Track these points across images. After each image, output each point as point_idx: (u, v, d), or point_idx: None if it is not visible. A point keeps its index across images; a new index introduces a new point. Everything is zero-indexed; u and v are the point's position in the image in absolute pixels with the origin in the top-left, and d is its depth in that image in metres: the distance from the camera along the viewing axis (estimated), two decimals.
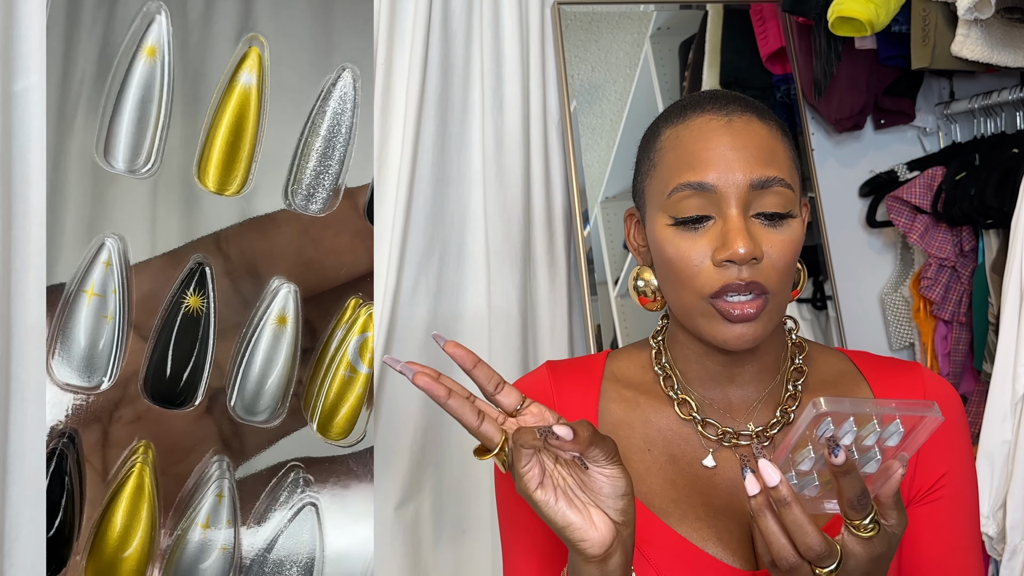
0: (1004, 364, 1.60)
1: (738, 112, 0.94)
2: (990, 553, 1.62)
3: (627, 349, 1.07)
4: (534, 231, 1.92)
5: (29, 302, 1.53)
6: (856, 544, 0.80)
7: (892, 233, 2.21)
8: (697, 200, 0.92)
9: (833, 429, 0.78)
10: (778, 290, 0.93)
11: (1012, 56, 1.70)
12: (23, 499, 1.54)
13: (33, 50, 1.54)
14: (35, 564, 1.56)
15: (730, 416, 0.99)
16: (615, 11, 2.00)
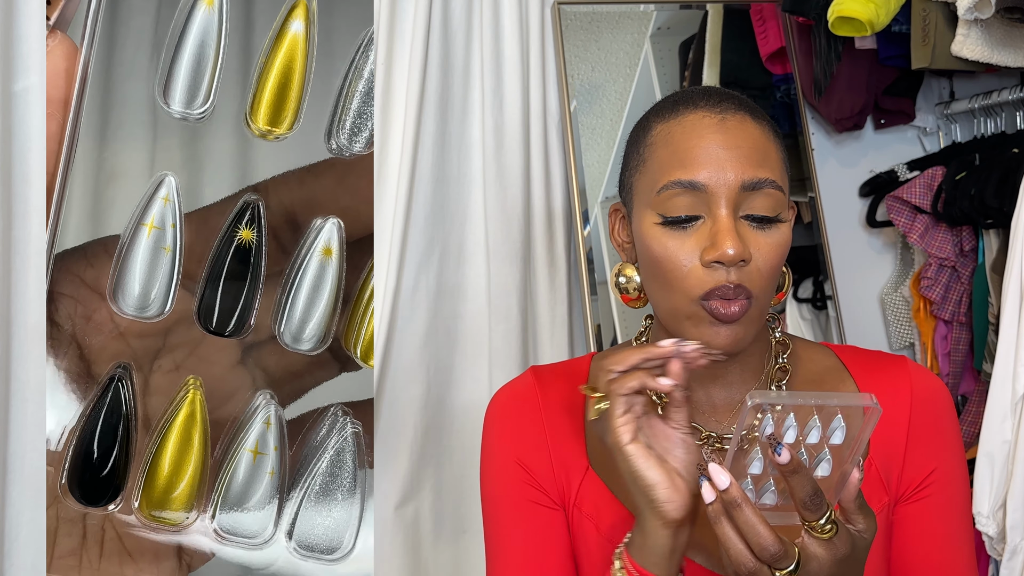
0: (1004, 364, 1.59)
1: (732, 110, 0.92)
2: (990, 553, 1.62)
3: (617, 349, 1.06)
4: (534, 231, 1.92)
5: (29, 302, 1.53)
6: (817, 546, 0.79)
7: (892, 233, 2.21)
8: (687, 199, 0.90)
9: (774, 426, 0.78)
10: (761, 295, 0.91)
11: (1012, 56, 1.70)
12: (23, 499, 1.54)
13: (33, 50, 1.53)
14: (35, 564, 1.56)
15: (715, 418, 0.99)
16: (615, 11, 2.00)
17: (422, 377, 1.87)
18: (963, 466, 0.99)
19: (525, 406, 1.02)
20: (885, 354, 1.03)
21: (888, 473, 0.97)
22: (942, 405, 0.99)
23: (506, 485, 1.01)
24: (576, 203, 1.92)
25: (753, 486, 0.81)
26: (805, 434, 0.79)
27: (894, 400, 0.98)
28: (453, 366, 1.90)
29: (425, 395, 1.88)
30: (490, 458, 1.03)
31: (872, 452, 0.97)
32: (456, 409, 1.90)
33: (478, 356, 1.90)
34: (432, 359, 1.89)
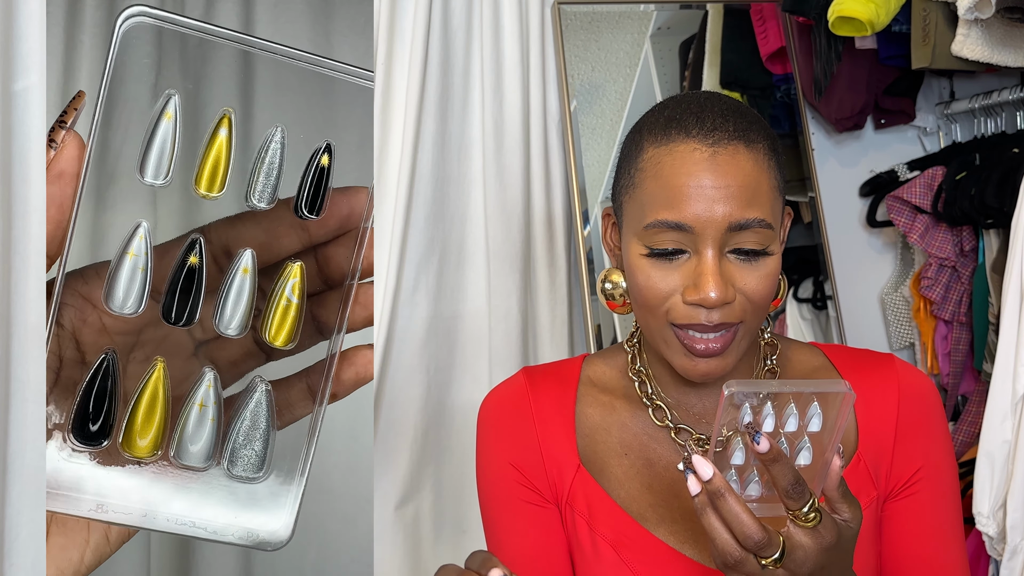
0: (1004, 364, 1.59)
1: (724, 141, 0.90)
2: (990, 553, 1.62)
3: (603, 353, 1.07)
4: (534, 231, 1.92)
5: (29, 302, 1.53)
6: (803, 535, 0.79)
7: (892, 233, 2.21)
8: (673, 235, 0.89)
9: (752, 415, 0.78)
10: (751, 319, 0.91)
11: (1012, 56, 1.70)
12: (23, 499, 1.54)
13: (33, 50, 1.54)
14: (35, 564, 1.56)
15: (705, 420, 0.99)
16: (615, 11, 2.00)
17: (422, 377, 1.87)
18: (952, 461, 1.00)
19: (516, 407, 1.03)
20: (873, 352, 1.03)
21: (877, 469, 0.97)
22: (930, 401, 1.00)
23: (501, 486, 1.02)
24: (576, 203, 1.92)
25: (737, 478, 0.82)
26: (783, 422, 0.79)
27: (882, 397, 0.98)
28: (453, 366, 1.90)
29: (425, 395, 1.88)
30: (484, 460, 1.04)
31: (861, 447, 0.97)
32: (456, 409, 1.90)
33: (478, 356, 1.90)
34: (432, 359, 1.89)
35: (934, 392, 1.01)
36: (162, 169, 0.70)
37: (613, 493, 0.98)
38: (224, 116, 0.72)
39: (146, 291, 0.70)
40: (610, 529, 0.97)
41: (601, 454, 1.00)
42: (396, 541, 1.85)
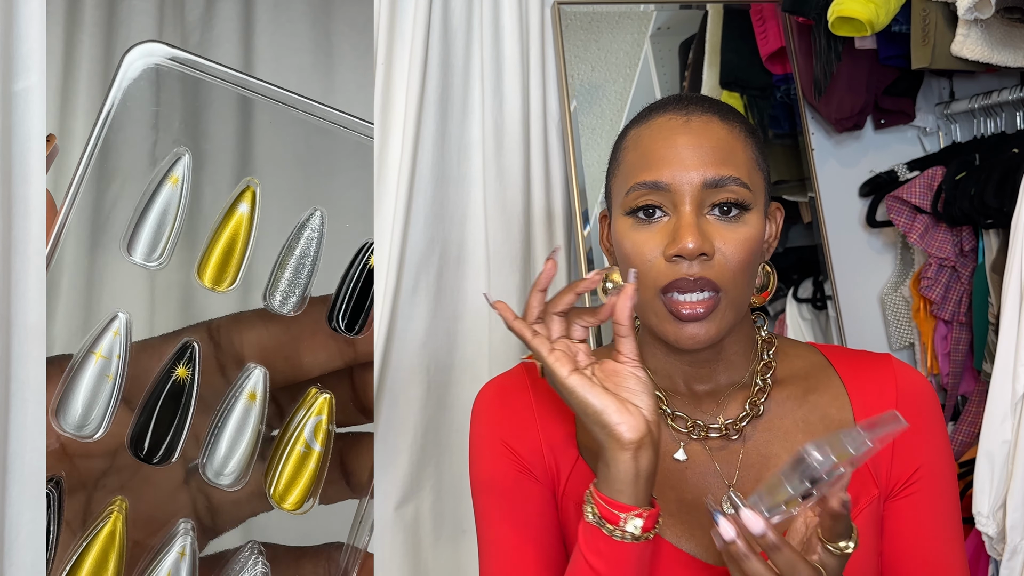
0: (1004, 364, 1.59)
1: (698, 112, 0.95)
2: (990, 553, 1.62)
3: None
4: (534, 231, 1.92)
5: (29, 302, 1.53)
6: (829, 557, 0.82)
7: (892, 233, 2.21)
8: (652, 198, 0.93)
9: (819, 471, 0.78)
10: (731, 287, 0.93)
11: (1012, 56, 1.70)
12: (23, 499, 1.54)
13: (33, 50, 1.54)
14: (35, 564, 1.56)
15: (700, 409, 1.01)
16: (615, 11, 2.00)
17: (422, 377, 1.87)
18: (950, 461, 1.01)
19: (515, 394, 1.04)
20: (869, 353, 1.05)
21: (877, 468, 0.98)
22: (927, 401, 1.01)
23: (494, 465, 1.02)
24: (576, 203, 1.92)
25: (767, 509, 0.81)
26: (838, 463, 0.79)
27: (880, 397, 0.99)
28: (453, 366, 1.90)
29: (425, 395, 1.88)
30: (478, 442, 1.04)
31: None
32: (456, 409, 1.90)
33: (478, 356, 1.90)
34: (432, 359, 1.89)
35: (931, 392, 1.02)
36: (158, 247, 0.53)
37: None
38: (247, 189, 0.54)
39: (111, 407, 0.52)
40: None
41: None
42: (396, 541, 1.85)
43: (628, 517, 0.86)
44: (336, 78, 1.66)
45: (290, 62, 1.67)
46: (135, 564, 0.51)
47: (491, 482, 1.02)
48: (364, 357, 0.53)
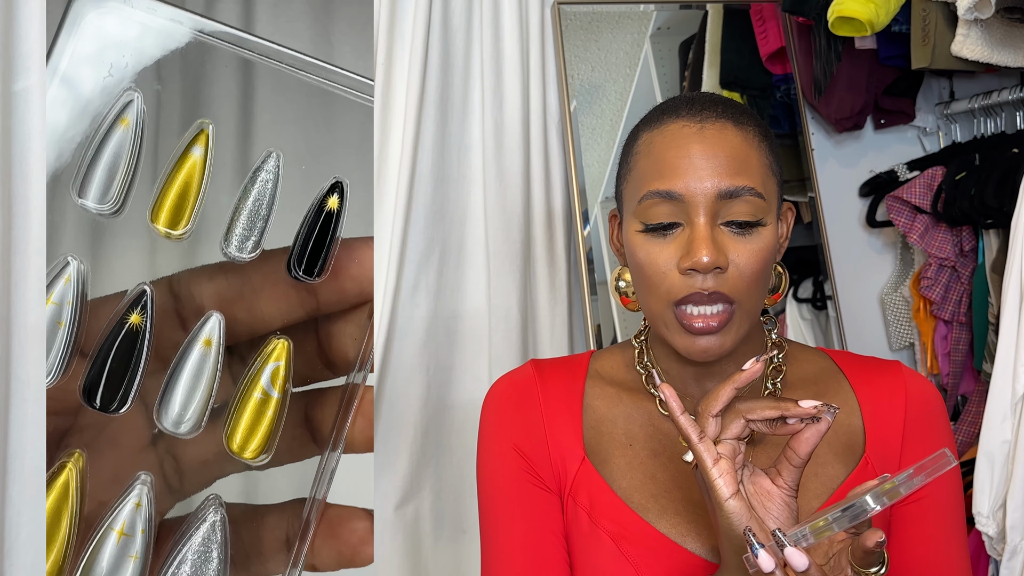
0: (1004, 364, 1.59)
1: (712, 118, 0.93)
2: (990, 553, 1.62)
3: (610, 349, 1.08)
4: (534, 231, 1.92)
5: (29, 302, 1.53)
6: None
7: (892, 233, 2.21)
8: (666, 208, 0.92)
9: (869, 513, 0.76)
10: (745, 299, 0.92)
11: (1012, 56, 1.70)
12: (23, 499, 1.54)
13: (33, 50, 1.54)
14: (35, 564, 1.56)
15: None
16: (615, 11, 2.00)
17: (422, 377, 1.87)
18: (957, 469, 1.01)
19: (524, 395, 1.03)
20: (879, 359, 1.04)
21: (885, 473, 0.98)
22: (936, 409, 1.01)
23: (503, 469, 1.02)
24: (576, 203, 1.92)
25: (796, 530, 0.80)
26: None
27: (890, 404, 0.99)
28: (453, 366, 1.90)
29: (425, 395, 1.88)
30: (488, 444, 1.03)
31: (868, 452, 0.98)
32: (456, 409, 1.90)
33: (478, 356, 1.90)
34: (432, 359, 1.89)
35: (939, 400, 1.02)
36: (111, 191, 0.51)
37: (615, 484, 0.98)
38: (201, 132, 0.52)
39: (63, 353, 0.49)
40: (611, 521, 0.97)
41: (606, 445, 1.00)
42: (396, 541, 1.85)
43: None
44: None
45: None
46: (95, 524, 0.49)
47: (499, 487, 1.02)
48: (328, 308, 0.51)
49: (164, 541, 0.49)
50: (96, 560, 0.47)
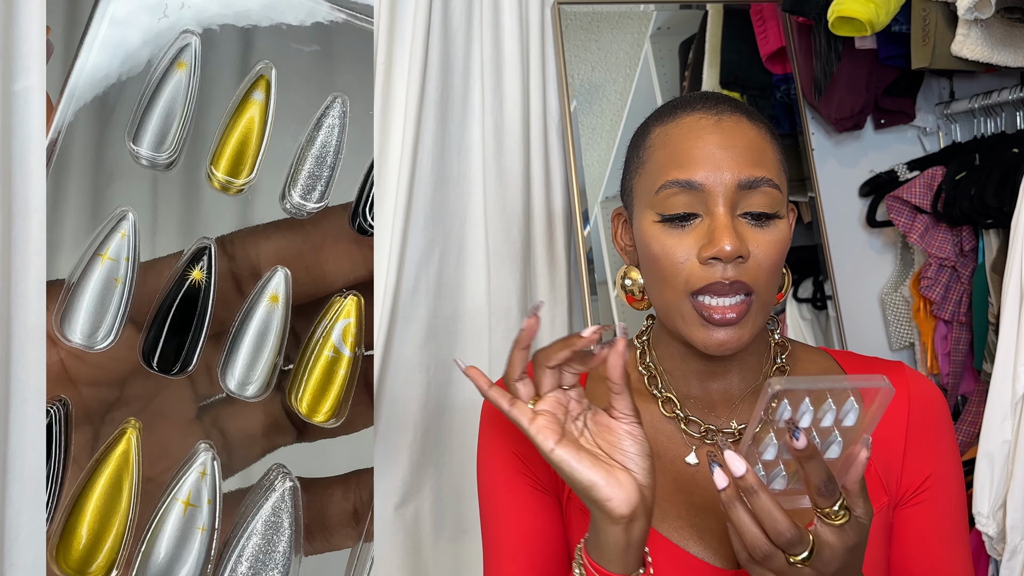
0: (1004, 364, 1.59)
1: (728, 112, 0.94)
2: (990, 553, 1.62)
3: None
4: (534, 231, 1.92)
5: (29, 302, 1.53)
6: (830, 534, 0.79)
7: (892, 233, 2.21)
8: (684, 197, 0.91)
9: (791, 411, 0.78)
10: (764, 291, 0.92)
11: (1012, 56, 1.70)
12: (23, 499, 1.54)
13: (33, 50, 1.54)
14: (35, 564, 1.56)
15: (713, 414, 1.00)
16: (615, 11, 2.00)
17: (422, 377, 1.87)
18: (959, 469, 1.01)
19: None
20: (882, 360, 1.04)
21: (888, 475, 0.98)
22: (938, 410, 1.00)
23: (502, 472, 1.01)
24: (576, 203, 1.92)
25: (764, 471, 0.82)
26: (819, 417, 0.79)
27: (893, 405, 0.99)
28: (453, 366, 1.90)
29: (425, 395, 1.88)
30: (487, 446, 1.03)
31: (872, 454, 0.98)
32: (456, 409, 1.90)
33: (478, 356, 1.90)
34: (432, 359, 1.89)
35: (943, 401, 1.02)
36: (168, 140, 0.47)
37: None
38: (260, 77, 0.49)
39: (122, 313, 0.46)
40: None
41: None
42: (396, 541, 1.85)
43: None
44: None
45: None
46: (150, 503, 0.46)
47: (498, 490, 1.01)
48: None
49: (227, 514, 0.45)
50: (160, 533, 0.42)
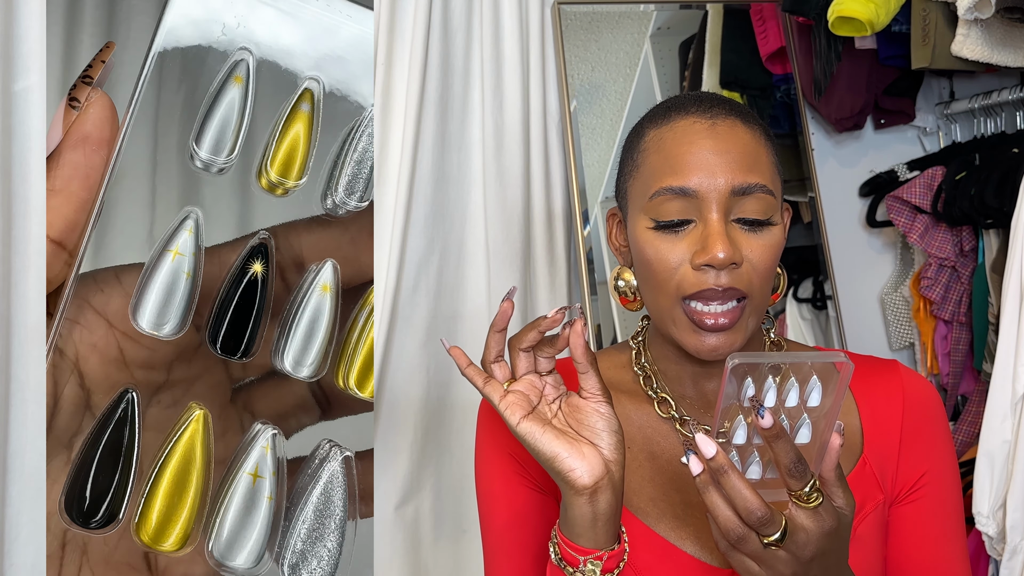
0: (1004, 364, 1.59)
1: (722, 116, 0.93)
2: (990, 553, 1.62)
3: (607, 351, 1.07)
4: (534, 231, 1.92)
5: (29, 302, 1.53)
6: (804, 517, 0.79)
7: (892, 233, 2.21)
8: (678, 204, 0.91)
9: (755, 389, 0.78)
10: (757, 295, 0.92)
11: (1012, 56, 1.70)
12: (23, 499, 1.54)
13: (33, 50, 1.54)
14: (35, 564, 1.56)
15: (708, 414, 1.00)
16: (615, 11, 2.00)
17: (422, 377, 1.87)
18: (954, 467, 1.01)
19: None
20: (876, 358, 1.04)
21: (883, 473, 0.98)
22: (933, 408, 1.00)
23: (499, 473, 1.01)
24: (576, 203, 1.92)
25: (739, 458, 0.82)
26: (784, 396, 0.79)
27: (887, 403, 0.99)
28: (453, 366, 1.90)
29: (425, 395, 1.88)
30: (484, 447, 1.04)
31: (867, 452, 0.98)
32: (456, 409, 1.90)
33: (478, 356, 1.90)
34: (432, 359, 1.89)
35: (938, 399, 1.02)
36: (224, 145, 0.53)
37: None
38: (306, 90, 0.55)
39: (191, 306, 0.51)
40: None
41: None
42: (396, 541, 1.85)
43: (587, 560, 0.86)
44: None
45: None
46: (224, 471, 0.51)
47: (496, 491, 1.02)
48: None
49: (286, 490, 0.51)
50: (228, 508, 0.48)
